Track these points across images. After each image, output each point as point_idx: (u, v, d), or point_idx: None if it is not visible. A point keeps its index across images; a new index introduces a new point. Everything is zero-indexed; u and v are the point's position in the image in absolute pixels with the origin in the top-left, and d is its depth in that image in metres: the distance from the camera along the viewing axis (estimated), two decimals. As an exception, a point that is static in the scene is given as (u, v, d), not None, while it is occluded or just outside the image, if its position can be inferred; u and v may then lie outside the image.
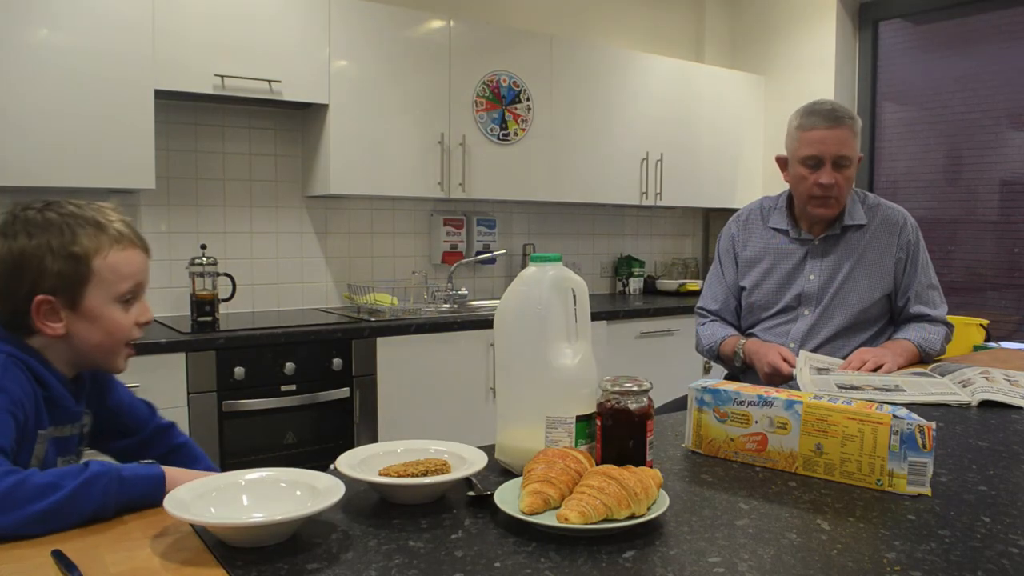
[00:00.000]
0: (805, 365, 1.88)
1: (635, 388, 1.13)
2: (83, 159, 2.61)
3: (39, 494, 0.95)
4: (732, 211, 2.39)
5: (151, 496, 1.02)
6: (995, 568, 0.86)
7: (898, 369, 1.90)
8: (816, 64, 4.28)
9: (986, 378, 1.76)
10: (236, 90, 2.89)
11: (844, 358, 2.04)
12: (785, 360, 1.93)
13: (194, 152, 3.19)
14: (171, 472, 1.07)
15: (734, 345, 2.10)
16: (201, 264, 2.93)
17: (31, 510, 0.94)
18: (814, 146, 1.97)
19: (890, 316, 2.14)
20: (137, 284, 1.22)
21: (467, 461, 1.12)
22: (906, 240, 2.08)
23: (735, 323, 2.24)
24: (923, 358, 2.03)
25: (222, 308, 3.01)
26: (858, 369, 1.86)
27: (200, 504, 0.96)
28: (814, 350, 2.05)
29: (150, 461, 1.08)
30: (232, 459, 2.67)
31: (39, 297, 1.15)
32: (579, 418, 1.15)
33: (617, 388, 1.13)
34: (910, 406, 1.44)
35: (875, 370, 1.86)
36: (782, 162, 2.13)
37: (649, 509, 0.97)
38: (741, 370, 2.11)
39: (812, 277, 2.09)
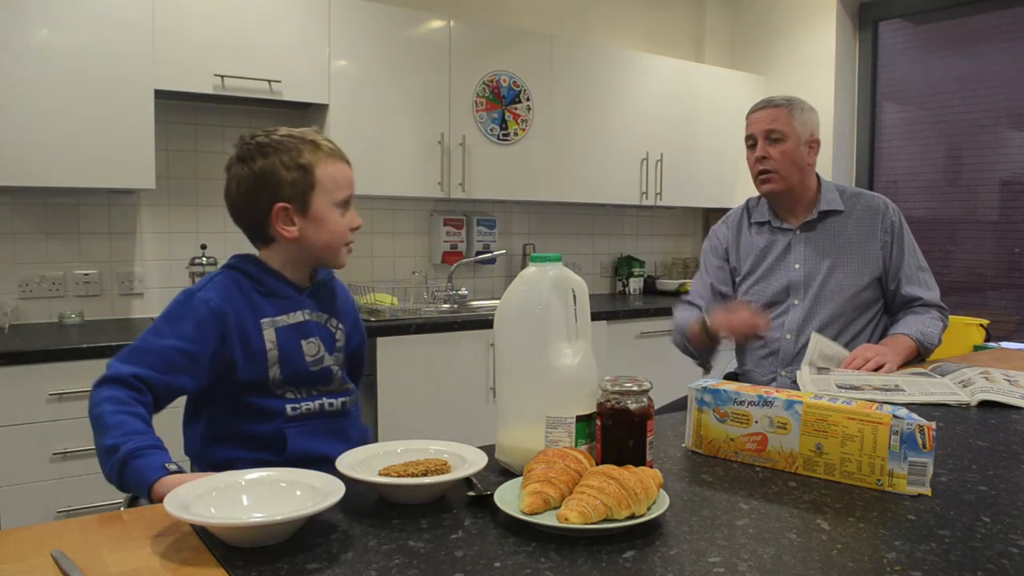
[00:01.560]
0: (815, 350, 1.90)
1: (635, 388, 1.13)
2: (83, 159, 2.61)
3: (96, 421, 1.20)
4: (732, 211, 2.40)
5: (139, 491, 1.15)
6: (995, 568, 0.86)
7: (899, 367, 1.91)
8: (816, 64, 4.28)
9: (986, 378, 1.76)
10: (236, 90, 2.89)
11: (845, 347, 2.06)
12: (735, 326, 1.98)
13: (194, 152, 3.19)
14: (170, 481, 1.09)
15: (699, 320, 2.08)
16: (201, 264, 2.93)
17: (94, 427, 1.20)
18: (748, 128, 2.17)
19: (884, 302, 2.16)
20: (349, 193, 1.42)
21: (467, 461, 1.12)
22: (889, 222, 2.12)
23: None
24: (922, 352, 2.04)
25: (222, 308, 3.00)
26: (860, 368, 1.86)
27: (200, 504, 0.96)
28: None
29: (174, 467, 1.14)
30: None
31: (278, 205, 1.36)
32: (579, 418, 1.15)
33: (617, 388, 1.14)
34: (910, 406, 1.44)
35: (876, 370, 1.86)
36: None
37: (649, 509, 0.97)
38: (708, 352, 2.14)
39: (797, 266, 2.13)
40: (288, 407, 1.39)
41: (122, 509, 1.12)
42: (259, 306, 1.38)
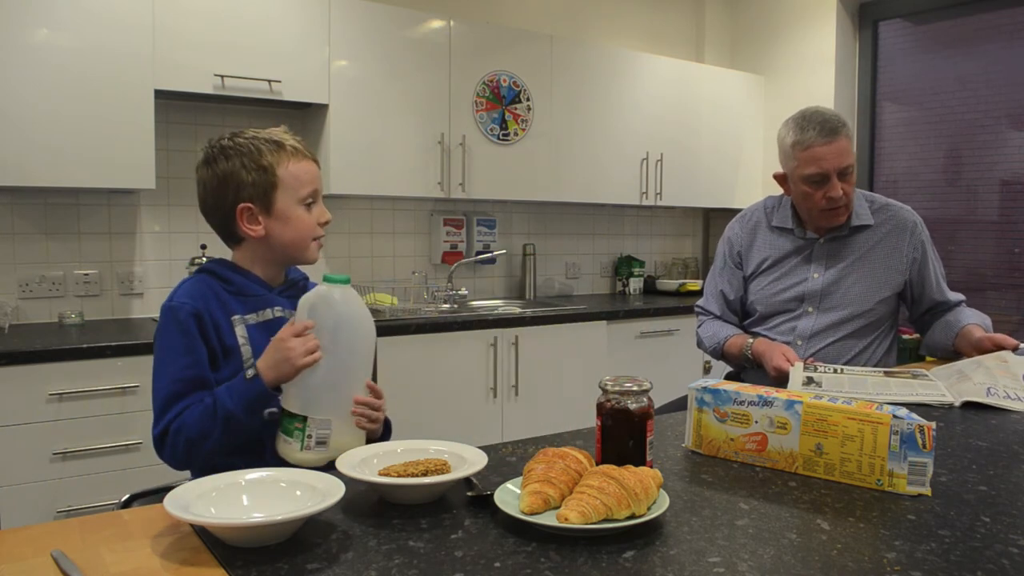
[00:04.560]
0: (799, 378, 1.83)
1: (635, 388, 1.13)
2: (83, 159, 2.61)
3: (195, 442, 1.31)
4: (732, 211, 2.38)
5: (259, 392, 1.29)
6: (995, 568, 0.86)
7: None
8: (816, 64, 4.28)
9: (987, 374, 1.75)
10: (236, 90, 2.89)
11: (853, 358, 2.04)
12: (789, 360, 1.92)
13: (194, 152, 3.18)
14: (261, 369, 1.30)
15: (740, 345, 2.09)
16: (201, 264, 2.93)
17: (198, 444, 1.31)
18: (816, 164, 1.94)
19: (896, 317, 2.13)
20: (314, 190, 1.45)
21: (467, 461, 1.12)
22: (918, 240, 2.08)
23: (736, 323, 2.24)
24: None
25: (222, 308, 3.01)
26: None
27: (200, 504, 0.96)
28: (821, 349, 2.04)
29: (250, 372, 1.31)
30: (232, 459, 2.66)
31: (241, 205, 1.40)
32: (291, 413, 1.27)
33: (617, 388, 1.14)
34: (898, 404, 1.44)
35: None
36: (781, 179, 2.10)
37: (649, 509, 0.97)
38: (747, 369, 2.11)
39: (816, 275, 2.08)
40: (265, 412, 1.39)
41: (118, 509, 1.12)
42: (229, 304, 1.41)
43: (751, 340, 2.08)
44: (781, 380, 1.87)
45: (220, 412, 1.29)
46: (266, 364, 1.29)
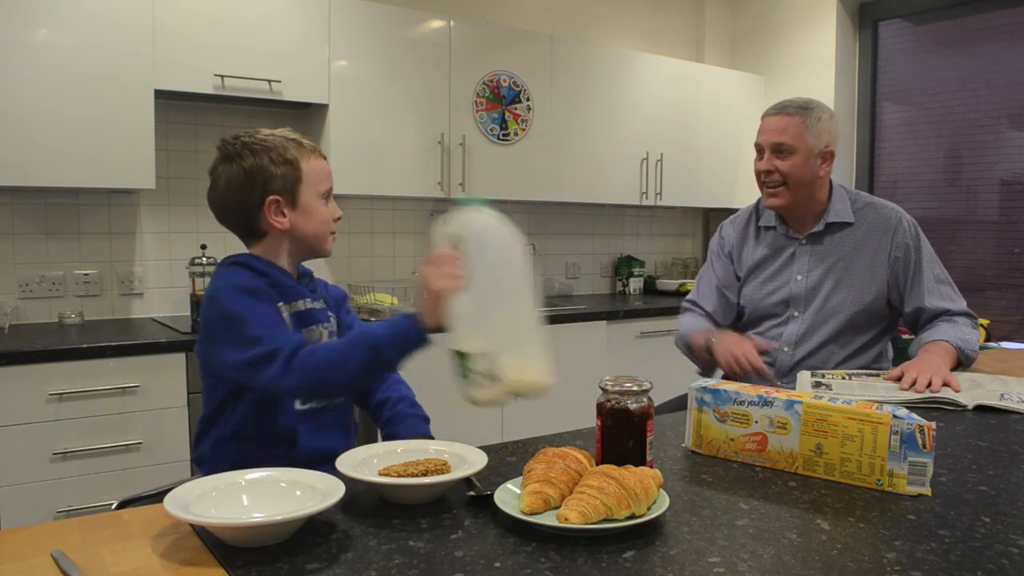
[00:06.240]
0: (807, 384, 1.80)
1: (635, 388, 1.13)
2: (83, 159, 2.61)
3: (333, 368, 1.30)
4: (732, 211, 2.38)
5: (408, 325, 1.30)
6: (995, 568, 0.86)
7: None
8: (816, 64, 4.28)
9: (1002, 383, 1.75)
10: (236, 90, 2.89)
11: (840, 363, 2.00)
12: (740, 364, 1.86)
13: (194, 152, 3.18)
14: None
15: (706, 337, 2.02)
16: (201, 264, 2.93)
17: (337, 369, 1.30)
18: (758, 134, 2.07)
19: (889, 321, 2.08)
20: (330, 186, 1.51)
21: (467, 461, 1.12)
22: (901, 239, 2.01)
23: (723, 324, 2.17)
24: (963, 361, 1.89)
25: (222, 308, 3.00)
26: (908, 388, 1.70)
27: (200, 504, 0.96)
28: (809, 354, 2.00)
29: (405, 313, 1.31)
30: (232, 459, 2.66)
31: (270, 198, 1.43)
32: (456, 352, 1.21)
33: (617, 388, 1.14)
34: (909, 404, 1.44)
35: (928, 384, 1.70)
36: None
37: (649, 509, 0.97)
38: (709, 365, 2.06)
39: (800, 278, 2.04)
40: (298, 400, 1.43)
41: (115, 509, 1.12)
42: (270, 292, 1.43)
43: (715, 339, 1.99)
44: (733, 371, 1.87)
45: (366, 339, 1.29)
46: (416, 303, 1.30)
